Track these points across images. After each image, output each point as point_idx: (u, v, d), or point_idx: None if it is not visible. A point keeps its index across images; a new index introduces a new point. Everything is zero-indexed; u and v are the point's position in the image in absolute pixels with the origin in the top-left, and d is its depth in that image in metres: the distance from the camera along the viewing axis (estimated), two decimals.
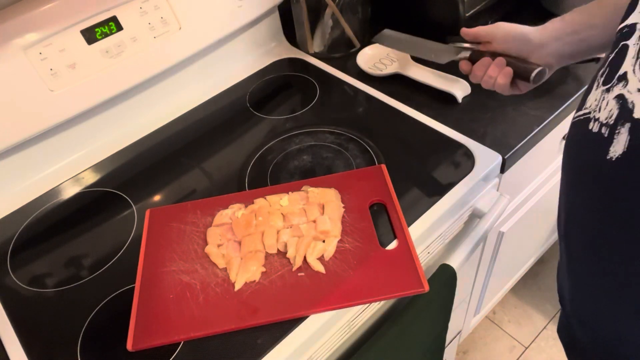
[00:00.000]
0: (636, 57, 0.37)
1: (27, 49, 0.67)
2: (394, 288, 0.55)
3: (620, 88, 0.37)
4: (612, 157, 0.37)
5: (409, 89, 0.82)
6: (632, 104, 0.36)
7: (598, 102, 0.40)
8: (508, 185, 0.81)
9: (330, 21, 0.89)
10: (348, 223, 0.61)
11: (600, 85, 0.40)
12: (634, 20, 0.38)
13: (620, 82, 0.37)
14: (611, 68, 0.39)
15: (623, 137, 0.36)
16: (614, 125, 0.37)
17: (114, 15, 0.72)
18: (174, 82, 0.85)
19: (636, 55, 0.37)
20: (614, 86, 0.38)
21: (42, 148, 0.75)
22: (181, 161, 0.76)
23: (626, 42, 0.38)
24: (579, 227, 0.47)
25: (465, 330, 1.21)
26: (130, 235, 0.66)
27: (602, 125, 0.39)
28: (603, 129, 0.39)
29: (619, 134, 0.37)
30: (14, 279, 0.63)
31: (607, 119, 0.38)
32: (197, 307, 0.55)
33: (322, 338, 0.57)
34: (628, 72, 0.37)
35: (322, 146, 0.74)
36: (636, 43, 0.37)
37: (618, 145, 0.37)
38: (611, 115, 0.38)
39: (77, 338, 0.56)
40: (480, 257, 0.95)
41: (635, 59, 0.37)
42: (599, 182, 0.41)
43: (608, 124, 0.38)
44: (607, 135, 0.38)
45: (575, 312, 0.54)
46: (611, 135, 0.37)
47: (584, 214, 0.46)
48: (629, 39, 0.38)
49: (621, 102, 0.37)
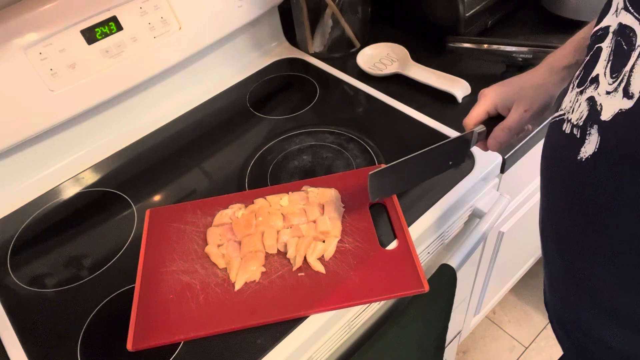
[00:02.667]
0: (607, 59, 0.37)
1: (27, 49, 0.67)
2: (394, 288, 0.55)
3: (592, 90, 0.37)
4: (582, 157, 0.38)
5: (409, 89, 0.82)
6: (600, 106, 0.36)
7: (572, 103, 0.40)
8: (508, 185, 0.81)
9: (330, 21, 0.89)
10: (348, 223, 0.61)
11: (575, 87, 0.41)
12: (607, 23, 0.38)
13: (592, 85, 0.38)
14: (585, 70, 0.39)
15: (594, 138, 0.36)
16: (583, 127, 0.38)
17: (114, 15, 0.72)
18: (174, 82, 0.85)
19: (607, 57, 0.37)
20: (586, 88, 0.38)
21: (42, 148, 0.75)
22: (181, 161, 0.76)
23: (600, 44, 0.38)
24: (550, 228, 0.47)
25: (465, 330, 1.21)
26: (130, 235, 0.66)
27: (574, 126, 0.39)
28: (575, 130, 0.39)
29: (590, 135, 0.37)
30: (14, 279, 0.63)
31: (577, 120, 0.38)
32: (197, 307, 0.55)
33: (322, 338, 0.57)
34: (600, 75, 0.37)
35: (322, 146, 0.74)
36: (608, 45, 0.37)
37: (589, 146, 0.37)
38: (581, 117, 0.38)
39: (77, 338, 0.56)
40: (480, 257, 0.95)
41: (606, 61, 0.37)
42: (568, 182, 0.41)
43: (578, 125, 0.38)
44: (579, 136, 0.38)
45: (553, 313, 0.55)
46: (583, 136, 0.38)
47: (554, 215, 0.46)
48: (602, 41, 0.38)
49: (591, 104, 0.37)
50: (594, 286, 0.43)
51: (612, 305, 0.42)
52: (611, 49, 0.37)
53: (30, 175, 0.76)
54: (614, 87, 0.35)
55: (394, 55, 0.89)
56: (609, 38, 0.37)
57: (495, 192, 0.71)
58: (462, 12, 0.83)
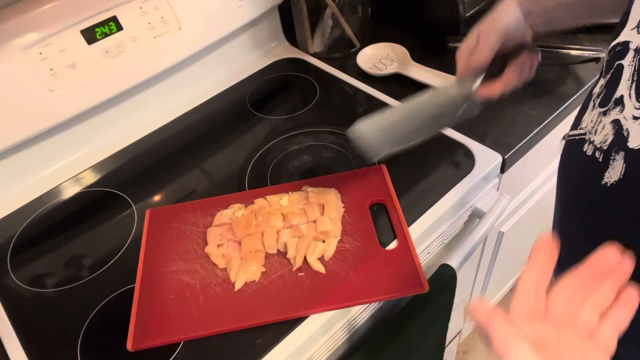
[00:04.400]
0: (631, 79, 0.36)
1: (27, 49, 0.67)
2: (394, 288, 0.55)
3: (617, 113, 0.36)
4: (607, 182, 0.37)
5: (409, 89, 0.82)
6: (627, 132, 0.35)
7: (594, 124, 0.39)
8: (508, 185, 0.80)
9: (330, 21, 0.89)
10: (348, 223, 0.61)
11: (596, 106, 0.40)
12: (626, 38, 0.37)
13: (617, 106, 0.36)
14: (607, 90, 0.38)
15: (619, 164, 0.36)
16: (607, 151, 0.37)
17: (114, 15, 0.72)
18: (174, 82, 0.85)
19: (631, 77, 0.36)
20: (610, 109, 0.37)
21: (42, 148, 0.75)
22: (181, 161, 0.76)
23: (621, 61, 0.37)
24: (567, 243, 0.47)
25: (465, 330, 1.21)
26: (130, 235, 0.66)
27: (596, 149, 0.38)
28: (597, 153, 0.38)
29: (615, 161, 0.36)
30: (14, 279, 0.63)
31: (601, 144, 0.38)
32: (197, 307, 0.55)
33: (322, 338, 0.57)
34: (624, 96, 0.36)
35: (322, 146, 0.74)
36: (630, 64, 0.36)
37: (614, 172, 0.36)
38: (605, 141, 0.37)
39: (77, 338, 0.56)
40: (480, 257, 0.95)
41: (630, 81, 0.36)
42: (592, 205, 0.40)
43: (602, 149, 0.37)
44: (602, 160, 0.37)
45: None
46: (606, 161, 0.37)
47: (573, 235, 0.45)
48: (623, 58, 0.37)
49: (617, 128, 0.36)
50: None
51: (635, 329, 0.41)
52: (634, 68, 0.35)
53: (30, 175, 0.76)
54: None
55: (394, 55, 0.89)
56: (630, 55, 0.36)
57: (495, 192, 0.71)
58: (462, 12, 0.83)
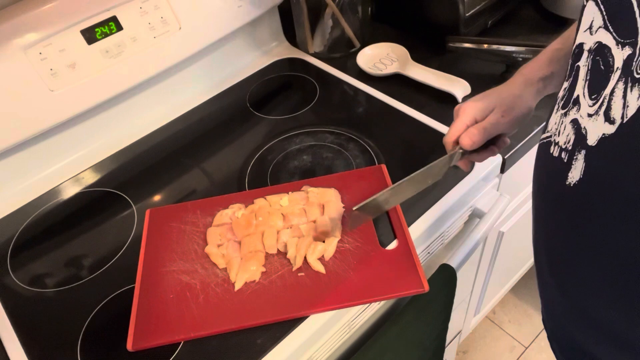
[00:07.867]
0: (585, 79, 0.36)
1: (27, 49, 0.67)
2: (394, 288, 0.55)
3: (575, 112, 0.37)
4: (571, 182, 0.37)
5: (409, 89, 0.82)
6: (585, 130, 0.35)
7: (557, 125, 0.40)
8: (508, 185, 0.81)
9: (330, 21, 0.89)
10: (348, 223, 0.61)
11: (559, 108, 0.40)
12: (581, 40, 0.37)
13: (575, 106, 0.37)
14: (569, 92, 0.39)
15: (580, 163, 0.36)
16: (572, 151, 0.37)
17: (114, 15, 0.72)
18: (174, 82, 0.85)
19: (585, 77, 0.36)
20: (569, 110, 0.38)
21: (42, 148, 0.75)
22: (181, 161, 0.76)
23: (578, 63, 0.37)
24: (544, 250, 0.47)
25: (465, 330, 1.21)
26: (130, 235, 0.66)
27: (562, 150, 0.38)
28: (563, 153, 0.38)
29: (577, 160, 0.36)
30: (14, 279, 0.63)
31: (565, 144, 0.38)
32: (197, 307, 0.55)
33: (322, 338, 0.57)
34: (580, 96, 0.36)
35: (322, 146, 0.74)
36: (585, 64, 0.36)
37: (575, 171, 0.36)
38: (569, 140, 0.37)
39: (77, 338, 0.56)
40: (480, 257, 0.95)
41: (584, 81, 0.36)
42: (560, 206, 0.40)
43: (567, 149, 0.38)
44: (567, 160, 0.38)
45: (549, 331, 0.54)
46: (570, 161, 0.37)
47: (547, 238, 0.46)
48: (579, 59, 0.37)
49: (576, 127, 0.36)
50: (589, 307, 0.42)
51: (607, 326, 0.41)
52: (587, 67, 0.36)
53: (30, 175, 0.76)
54: (594, 110, 0.34)
55: (394, 55, 0.89)
56: (585, 56, 0.36)
57: (495, 192, 0.71)
58: (462, 12, 0.83)
